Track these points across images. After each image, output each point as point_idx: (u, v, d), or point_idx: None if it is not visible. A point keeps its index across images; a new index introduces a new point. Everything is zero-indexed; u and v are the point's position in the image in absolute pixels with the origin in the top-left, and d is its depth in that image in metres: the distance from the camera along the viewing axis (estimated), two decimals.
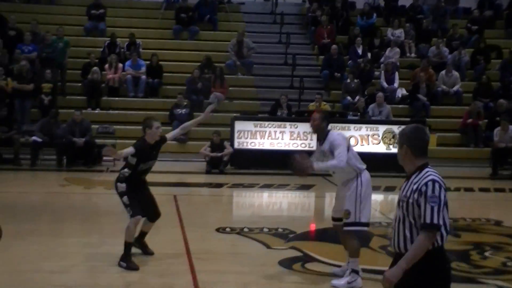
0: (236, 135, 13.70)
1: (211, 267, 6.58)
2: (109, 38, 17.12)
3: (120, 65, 16.16)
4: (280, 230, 8.30)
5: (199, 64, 16.56)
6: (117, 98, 15.97)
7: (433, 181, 3.45)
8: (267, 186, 12.21)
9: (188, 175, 13.32)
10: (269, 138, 13.76)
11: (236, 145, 13.62)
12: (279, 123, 13.95)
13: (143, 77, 16.14)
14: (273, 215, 9.94)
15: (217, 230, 8.23)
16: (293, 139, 13.76)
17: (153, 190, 6.90)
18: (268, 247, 7.43)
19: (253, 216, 9.84)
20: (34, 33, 16.39)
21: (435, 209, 3.40)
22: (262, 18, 19.83)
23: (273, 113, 14.94)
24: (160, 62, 16.59)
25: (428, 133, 4.14)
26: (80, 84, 16.05)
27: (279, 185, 12.15)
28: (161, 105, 15.68)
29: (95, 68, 15.60)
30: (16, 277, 6.02)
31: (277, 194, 11.91)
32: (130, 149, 6.36)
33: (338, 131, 8.06)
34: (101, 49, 16.96)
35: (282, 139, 13.77)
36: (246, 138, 13.74)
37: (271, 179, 12.58)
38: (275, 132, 13.80)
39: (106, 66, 16.08)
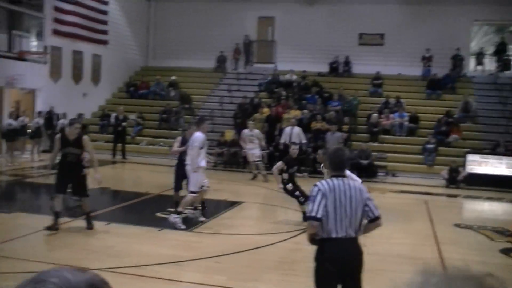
0: (468, 163, 20.01)
1: (448, 248, 9.50)
2: (384, 98, 24.85)
3: (391, 115, 23.70)
4: (500, 229, 11.42)
5: (442, 115, 23.76)
6: (388, 136, 23.22)
7: (315, 185, 4.46)
8: (490, 198, 16.81)
9: (433, 188, 18.42)
10: (491, 166, 19.76)
11: (468, 170, 20.05)
12: (498, 156, 20.20)
13: (406, 123, 23.33)
14: (495, 218, 13.29)
15: (455, 225, 11.76)
16: (508, 168, 20.10)
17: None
18: (491, 239, 10.35)
19: (480, 217, 13.80)
20: (340, 94, 24.59)
21: (310, 204, 4.44)
22: (487, 86, 26.05)
23: (494, 150, 21.00)
24: (417, 114, 23.84)
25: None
26: (365, 126, 23.41)
27: (498, 198, 16.83)
28: (417, 141, 22.38)
29: (374, 115, 23.27)
30: None
31: (497, 204, 16.24)
32: None
33: None
34: (379, 105, 24.51)
35: (500, 167, 19.76)
36: (475, 165, 20.25)
37: (493, 193, 17.44)
38: (495, 162, 19.89)
39: (382, 115, 23.67)
